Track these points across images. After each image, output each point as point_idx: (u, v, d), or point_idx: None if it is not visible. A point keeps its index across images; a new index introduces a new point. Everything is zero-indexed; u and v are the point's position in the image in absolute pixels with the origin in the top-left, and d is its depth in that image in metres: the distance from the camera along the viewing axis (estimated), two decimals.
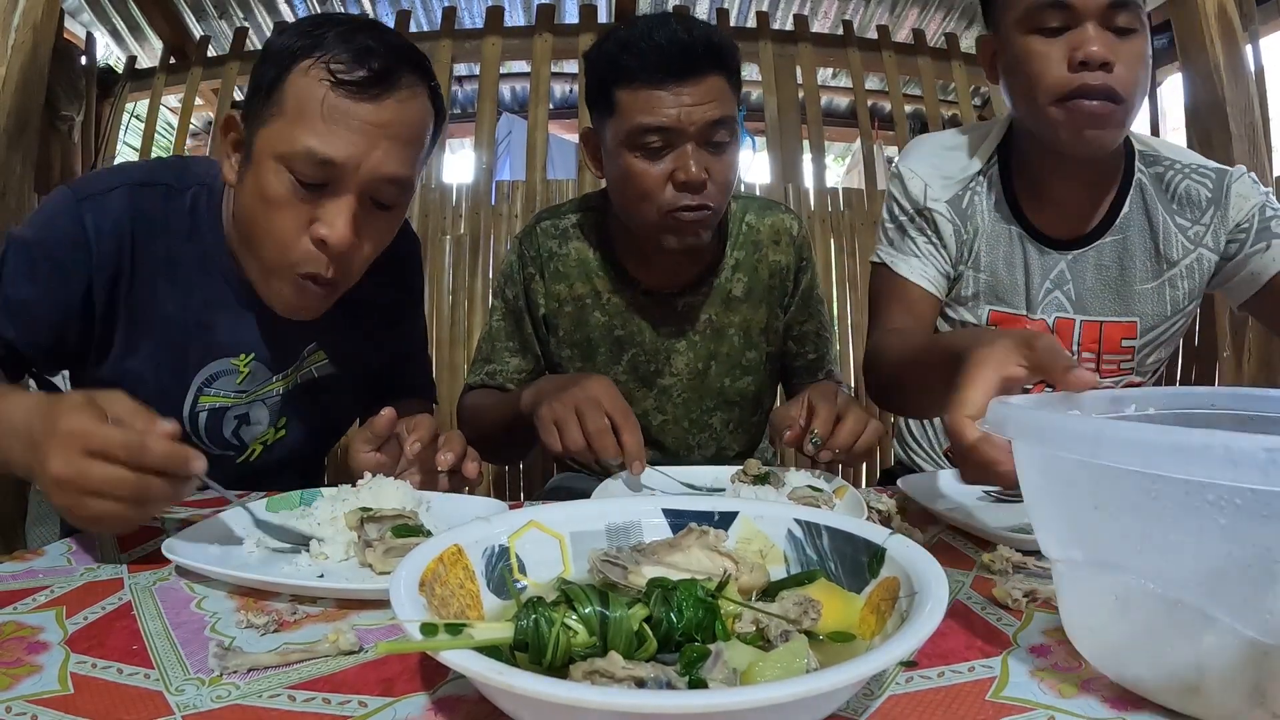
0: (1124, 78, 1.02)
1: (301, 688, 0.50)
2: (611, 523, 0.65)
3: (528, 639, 0.45)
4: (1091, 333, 1.19)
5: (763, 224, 1.35)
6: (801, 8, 3.37)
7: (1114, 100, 1.02)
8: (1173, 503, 0.40)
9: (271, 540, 0.78)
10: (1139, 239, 1.16)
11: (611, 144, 1.19)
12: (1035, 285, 1.19)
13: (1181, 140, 2.12)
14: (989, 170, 1.21)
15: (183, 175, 1.02)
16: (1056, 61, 1.03)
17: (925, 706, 0.47)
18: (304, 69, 0.88)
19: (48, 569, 0.73)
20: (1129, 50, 1.02)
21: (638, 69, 1.12)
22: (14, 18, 1.65)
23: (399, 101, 0.90)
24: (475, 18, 3.26)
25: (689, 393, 1.37)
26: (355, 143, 0.88)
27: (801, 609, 0.51)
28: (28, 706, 0.47)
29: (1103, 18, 1.01)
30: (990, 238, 1.19)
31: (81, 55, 2.93)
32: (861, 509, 0.84)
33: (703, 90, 1.13)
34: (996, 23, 1.13)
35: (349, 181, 0.89)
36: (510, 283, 1.37)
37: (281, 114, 0.89)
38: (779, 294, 1.37)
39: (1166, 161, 1.18)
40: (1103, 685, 0.48)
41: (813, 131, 2.71)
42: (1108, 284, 1.17)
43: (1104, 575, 0.46)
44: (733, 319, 1.35)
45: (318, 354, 1.13)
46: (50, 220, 0.96)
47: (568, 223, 1.35)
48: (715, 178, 1.16)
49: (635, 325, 1.34)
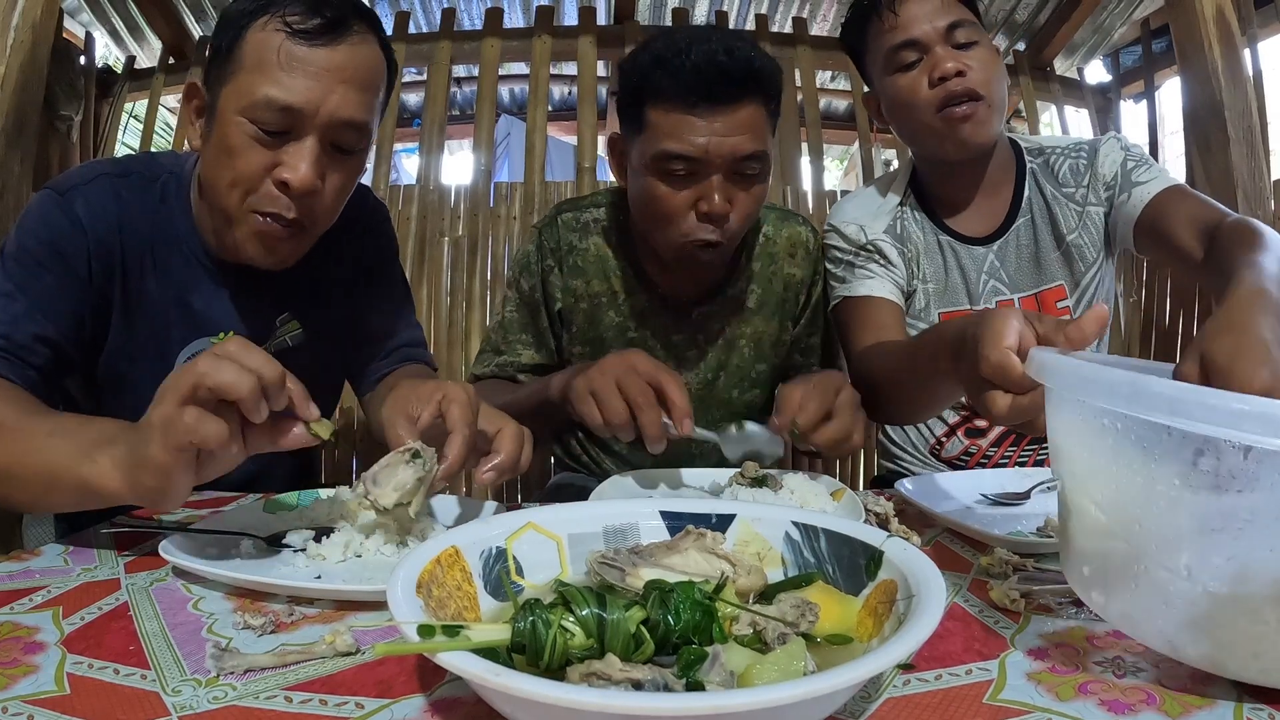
0: (977, 78, 1.19)
1: (298, 689, 0.50)
2: (609, 525, 0.65)
3: (525, 640, 0.45)
4: (1030, 304, 1.33)
5: (780, 236, 1.34)
6: (800, 10, 3.37)
7: (975, 98, 1.19)
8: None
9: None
10: (1041, 216, 1.33)
11: (637, 161, 1.16)
12: (973, 280, 1.33)
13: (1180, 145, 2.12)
14: (907, 200, 1.38)
15: (151, 165, 1.05)
16: (921, 87, 1.22)
17: (923, 709, 0.47)
18: (260, 25, 0.91)
19: (45, 569, 0.73)
20: (974, 58, 1.20)
21: (670, 89, 1.08)
22: (13, 17, 1.65)
23: (352, 46, 0.93)
24: (474, 19, 3.26)
25: (696, 403, 1.32)
26: (313, 88, 0.91)
27: (799, 611, 0.51)
28: (24, 707, 0.47)
29: (946, 40, 1.21)
30: (927, 252, 1.35)
31: (80, 55, 2.93)
32: (859, 512, 0.84)
33: (737, 120, 1.09)
34: (870, 79, 1.34)
35: (309, 125, 0.92)
36: (527, 273, 1.34)
37: (241, 69, 0.91)
38: (792, 307, 1.36)
39: (1049, 150, 1.35)
40: (1100, 688, 0.49)
41: (811, 134, 2.71)
42: (1029, 260, 1.33)
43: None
44: (744, 330, 1.34)
45: (291, 324, 1.14)
46: (42, 218, 0.96)
47: (589, 217, 1.33)
48: (739, 209, 1.13)
49: (648, 330, 1.32)
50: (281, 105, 0.90)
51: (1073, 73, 3.43)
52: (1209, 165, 2.00)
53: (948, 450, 1.40)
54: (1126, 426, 0.46)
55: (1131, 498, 0.48)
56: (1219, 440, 0.42)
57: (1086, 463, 0.52)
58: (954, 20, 1.20)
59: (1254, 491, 0.42)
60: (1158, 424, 0.44)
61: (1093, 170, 1.30)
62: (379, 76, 0.99)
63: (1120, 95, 3.25)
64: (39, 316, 0.92)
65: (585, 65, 2.72)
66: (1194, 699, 0.47)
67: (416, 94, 3.66)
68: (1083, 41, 3.30)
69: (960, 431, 1.38)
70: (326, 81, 0.91)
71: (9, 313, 0.91)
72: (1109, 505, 0.50)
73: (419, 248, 2.46)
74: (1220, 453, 0.42)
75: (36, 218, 0.97)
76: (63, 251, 0.95)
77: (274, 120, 0.90)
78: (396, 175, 3.21)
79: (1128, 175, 1.26)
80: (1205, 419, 0.41)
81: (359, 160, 1.01)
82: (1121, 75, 3.25)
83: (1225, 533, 0.44)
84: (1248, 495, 0.42)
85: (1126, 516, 0.48)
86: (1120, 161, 1.28)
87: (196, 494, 1.06)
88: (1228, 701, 0.46)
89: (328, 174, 0.96)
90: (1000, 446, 1.37)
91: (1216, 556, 0.44)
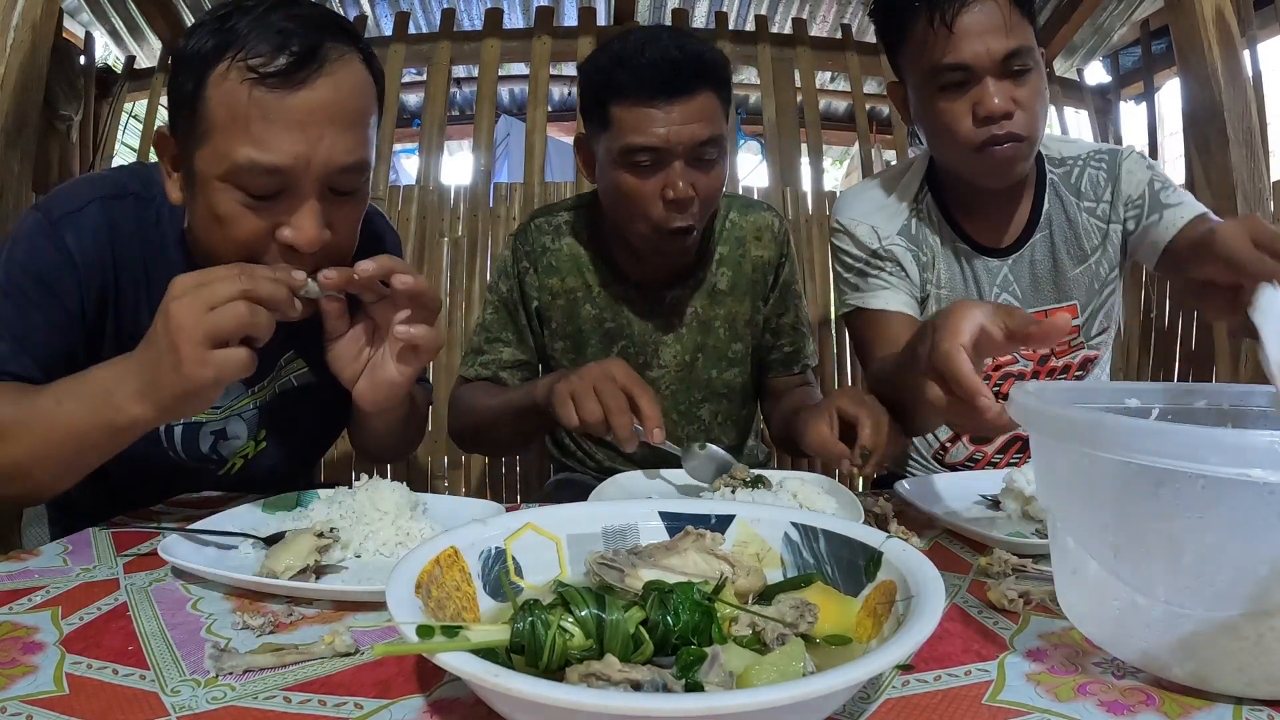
0: (1024, 119, 1.12)
1: (297, 689, 0.50)
2: (608, 525, 0.65)
3: (524, 641, 0.45)
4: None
5: (746, 221, 1.40)
6: (800, 11, 3.37)
7: (1019, 140, 1.13)
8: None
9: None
10: (1060, 233, 1.29)
11: (604, 157, 1.22)
12: (986, 293, 1.30)
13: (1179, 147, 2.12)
14: (923, 198, 1.32)
15: (149, 183, 0.98)
16: (964, 117, 1.13)
17: (922, 710, 0.47)
18: (221, 74, 0.80)
19: (44, 569, 0.73)
20: (1025, 92, 1.12)
21: (630, 85, 1.15)
22: (13, 17, 1.65)
23: (332, 78, 0.82)
24: (474, 19, 3.26)
25: (677, 384, 1.40)
26: (299, 140, 0.80)
27: (798, 612, 0.51)
28: (23, 707, 0.47)
29: (1000, 70, 1.11)
30: (943, 257, 1.31)
31: (80, 55, 2.93)
32: (858, 512, 0.84)
33: (693, 109, 1.16)
34: (902, 74, 1.24)
35: (304, 182, 0.82)
36: (504, 276, 1.40)
37: (212, 130, 0.81)
38: (761, 287, 1.42)
39: (1070, 160, 1.30)
40: (1099, 689, 0.49)
41: (811, 135, 2.71)
42: (1045, 277, 1.30)
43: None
44: (718, 312, 1.39)
45: (296, 362, 1.11)
46: (31, 248, 0.92)
47: (560, 219, 1.39)
48: (701, 193, 1.20)
49: (624, 318, 1.37)
50: (266, 168, 0.80)
51: (1072, 74, 3.43)
52: (1208, 166, 2.00)
53: (952, 455, 1.40)
54: (1093, 461, 0.48)
55: (1104, 527, 0.50)
56: (1175, 471, 0.43)
57: (1064, 495, 0.54)
58: (1014, 49, 1.09)
59: (1213, 517, 0.44)
60: (1117, 459, 0.46)
61: (1114, 186, 1.26)
62: (369, 102, 0.88)
63: (1120, 96, 3.25)
64: (24, 358, 0.88)
65: None
66: (1193, 700, 0.47)
67: (416, 94, 3.66)
68: (1082, 42, 3.31)
69: (965, 437, 1.38)
70: (312, 130, 0.81)
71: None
72: (1085, 536, 0.51)
73: (419, 248, 2.46)
74: (1178, 482, 0.44)
75: (26, 249, 0.92)
76: (52, 286, 0.90)
77: (262, 185, 0.81)
78: (396, 175, 3.21)
79: (1155, 196, 1.23)
80: (1159, 452, 0.43)
81: (363, 195, 0.92)
82: (1121, 76, 3.25)
83: (1191, 557, 0.45)
84: (1209, 521, 0.44)
85: (1103, 545, 0.50)
86: (1147, 181, 1.24)
87: (196, 494, 1.06)
88: (1226, 703, 0.46)
89: (333, 219, 0.87)
90: (1006, 453, 1.37)
91: (1187, 581, 0.46)
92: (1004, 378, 1.32)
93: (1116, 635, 0.52)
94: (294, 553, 0.69)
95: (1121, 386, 0.69)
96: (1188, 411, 0.66)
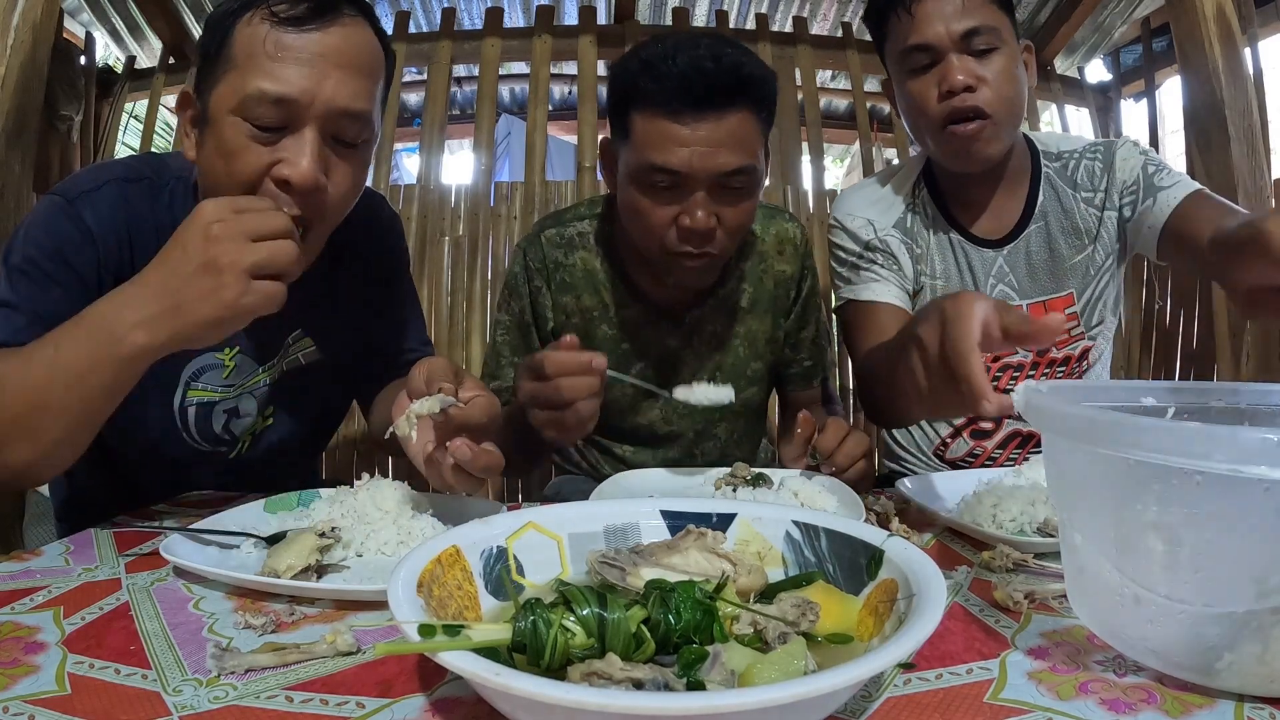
0: (989, 95, 1.15)
1: (299, 689, 0.50)
2: (610, 524, 0.65)
3: (526, 640, 0.45)
4: (1038, 312, 1.30)
5: (767, 234, 1.33)
6: (800, 9, 3.37)
7: (982, 116, 1.15)
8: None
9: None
10: (1056, 222, 1.30)
11: (622, 170, 1.14)
12: (981, 283, 1.31)
13: (1180, 144, 2.12)
14: (919, 192, 1.35)
15: (161, 170, 1.02)
16: (929, 95, 1.18)
17: (923, 708, 0.47)
18: (246, 20, 0.88)
19: (45, 569, 0.73)
20: (991, 67, 1.15)
21: (654, 93, 1.05)
22: (13, 17, 1.65)
23: (344, 29, 0.89)
24: (475, 19, 3.25)
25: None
26: (306, 75, 0.86)
27: (800, 611, 0.51)
28: (25, 706, 0.47)
29: (961, 46, 1.15)
30: (938, 249, 1.32)
31: (81, 55, 2.93)
32: (860, 511, 0.84)
33: (723, 130, 1.04)
34: (888, 70, 1.29)
35: (306, 116, 0.87)
36: (516, 295, 1.32)
37: (231, 68, 0.88)
38: (783, 302, 1.36)
39: (1066, 154, 1.32)
40: (1100, 687, 0.49)
41: (812, 133, 2.70)
42: (1041, 267, 1.31)
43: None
44: (738, 330, 1.33)
45: (304, 340, 1.12)
46: (49, 227, 0.93)
47: (573, 231, 1.30)
48: (726, 225, 1.10)
49: (643, 339, 1.31)
50: (274, 97, 0.85)
51: (1073, 72, 3.42)
52: (1209, 164, 1.99)
53: (952, 451, 1.40)
54: (1094, 457, 0.49)
55: (1107, 523, 0.50)
56: (1170, 467, 0.44)
57: (1072, 492, 0.54)
58: (972, 26, 1.14)
59: (1210, 513, 0.44)
60: (1116, 455, 0.46)
61: (1110, 174, 1.27)
62: (375, 62, 0.94)
63: (1120, 94, 3.24)
64: (40, 331, 0.87)
65: (585, 65, 2.71)
66: (1194, 698, 0.47)
67: (417, 94, 3.66)
68: (1083, 40, 3.30)
69: (965, 433, 1.38)
70: (320, 67, 0.87)
71: (11, 325, 0.88)
72: (1092, 533, 0.52)
73: (419, 248, 2.45)
74: (1175, 478, 0.44)
75: (43, 226, 0.93)
76: (70, 262, 0.92)
77: (268, 114, 0.86)
78: (397, 175, 3.21)
79: (1149, 180, 1.24)
80: (1155, 448, 0.44)
81: (363, 155, 0.96)
82: (1122, 74, 3.24)
83: (1188, 553, 0.46)
84: (1206, 517, 0.44)
85: (1106, 541, 0.50)
86: (1140, 166, 1.25)
87: (197, 494, 1.06)
88: (1228, 700, 0.46)
89: (331, 170, 0.91)
90: (1005, 449, 1.37)
91: (1185, 576, 0.46)
92: (1003, 369, 1.33)
93: (1121, 631, 0.52)
94: (295, 552, 0.69)
95: (1137, 385, 0.68)
96: (1203, 410, 0.65)
